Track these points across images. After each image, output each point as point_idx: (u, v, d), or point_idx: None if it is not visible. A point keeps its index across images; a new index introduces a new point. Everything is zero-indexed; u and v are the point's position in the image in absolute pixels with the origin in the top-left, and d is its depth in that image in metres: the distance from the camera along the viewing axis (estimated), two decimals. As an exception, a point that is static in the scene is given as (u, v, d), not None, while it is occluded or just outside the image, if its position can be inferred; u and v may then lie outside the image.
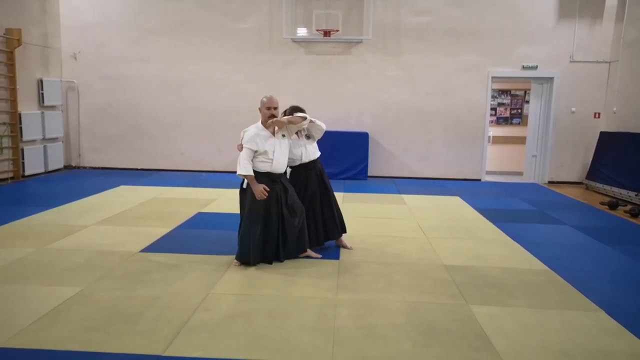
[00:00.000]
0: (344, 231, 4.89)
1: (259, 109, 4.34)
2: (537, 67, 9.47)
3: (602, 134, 9.21)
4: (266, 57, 9.65)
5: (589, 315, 3.40)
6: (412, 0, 9.42)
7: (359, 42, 9.48)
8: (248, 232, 4.27)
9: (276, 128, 4.31)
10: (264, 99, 4.30)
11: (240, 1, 9.56)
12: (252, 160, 4.23)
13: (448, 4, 9.39)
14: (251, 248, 4.25)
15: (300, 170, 4.65)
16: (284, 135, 4.37)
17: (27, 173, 8.69)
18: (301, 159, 4.58)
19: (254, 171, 4.22)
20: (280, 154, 4.31)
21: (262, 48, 9.64)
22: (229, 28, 9.63)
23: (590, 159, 9.34)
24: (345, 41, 9.48)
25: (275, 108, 4.28)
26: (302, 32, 9.53)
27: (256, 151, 4.21)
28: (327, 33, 9.22)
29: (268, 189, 4.21)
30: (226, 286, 3.82)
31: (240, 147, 4.25)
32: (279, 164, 4.32)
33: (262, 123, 4.31)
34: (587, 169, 9.36)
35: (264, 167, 4.27)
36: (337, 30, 9.21)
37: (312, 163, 4.66)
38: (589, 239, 5.50)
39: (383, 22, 9.43)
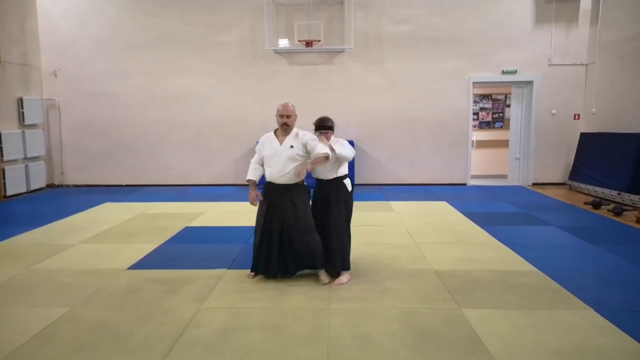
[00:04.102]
0: (335, 267, 4.22)
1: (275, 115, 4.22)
2: (516, 71, 9.63)
3: (583, 134, 9.38)
4: (250, 69, 9.67)
5: (579, 314, 3.45)
6: (393, 9, 9.54)
7: (341, 51, 9.56)
8: (254, 241, 4.30)
9: (285, 137, 4.16)
10: (279, 107, 4.17)
11: (223, 15, 9.58)
12: (262, 166, 4.27)
13: (428, 12, 9.53)
14: (254, 257, 4.26)
15: (319, 188, 4.33)
16: (292, 146, 4.08)
17: (8, 193, 8.53)
18: (319, 176, 4.29)
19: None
20: (277, 164, 4.09)
21: (246, 60, 9.66)
22: (212, 41, 9.63)
23: (572, 159, 9.50)
24: (328, 51, 9.55)
25: (288, 116, 4.13)
26: (284, 43, 9.58)
27: (263, 156, 4.21)
28: (309, 43, 9.27)
29: (261, 198, 4.20)
30: (218, 300, 3.79)
31: None
32: (274, 173, 4.11)
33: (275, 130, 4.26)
34: (570, 170, 9.52)
35: (266, 175, 4.23)
36: (319, 41, 9.27)
37: (328, 182, 4.26)
38: (575, 239, 5.58)
39: (364, 31, 9.53)
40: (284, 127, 4.14)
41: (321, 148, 4.04)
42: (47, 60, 9.73)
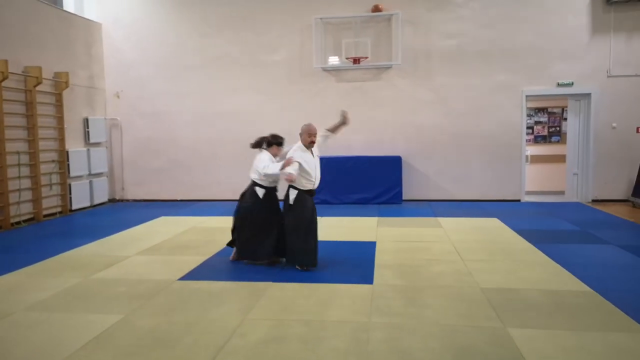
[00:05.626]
0: None
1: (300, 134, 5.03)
2: (572, 83, 9.30)
3: (647, 148, 8.89)
4: (298, 87, 9.88)
5: (634, 337, 3.27)
6: (442, 24, 9.49)
7: (389, 67, 9.59)
8: (301, 238, 4.95)
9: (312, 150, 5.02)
10: (309, 128, 4.98)
11: (272, 35, 9.89)
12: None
13: (478, 25, 9.41)
14: (300, 252, 4.97)
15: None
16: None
17: (74, 207, 9.11)
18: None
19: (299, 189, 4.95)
20: (318, 174, 5.06)
21: (294, 78, 9.89)
22: (261, 61, 9.94)
23: (636, 175, 8.99)
24: (375, 67, 9.61)
25: (316, 135, 4.97)
26: (332, 61, 9.74)
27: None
28: (356, 60, 9.39)
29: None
30: (261, 312, 3.88)
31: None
32: (317, 182, 5.05)
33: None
34: (633, 186, 9.01)
35: (306, 185, 4.97)
36: (367, 57, 9.37)
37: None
38: (636, 259, 5.28)
39: (412, 46, 9.53)
40: (312, 144, 4.98)
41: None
42: (110, 82, 10.38)
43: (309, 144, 4.94)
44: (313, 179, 4.94)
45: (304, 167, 4.86)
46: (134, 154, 10.48)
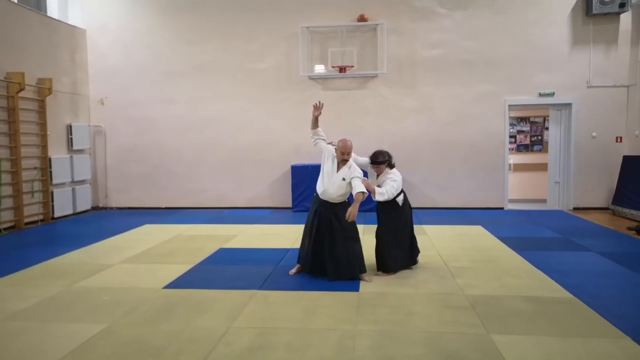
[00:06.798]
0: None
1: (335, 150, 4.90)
2: (554, 93, 9.48)
3: (626, 157, 9.09)
4: (285, 95, 9.91)
5: (615, 343, 3.33)
6: (426, 34, 9.62)
7: (374, 76, 9.68)
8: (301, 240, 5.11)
9: (342, 167, 4.84)
10: (339, 144, 4.83)
11: (259, 43, 9.92)
12: (316, 138, 5.19)
13: (462, 36, 9.56)
14: (299, 253, 5.11)
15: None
16: (344, 179, 4.76)
17: (56, 215, 8.98)
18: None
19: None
20: (330, 186, 4.80)
21: (281, 86, 9.92)
22: (248, 68, 9.96)
23: (616, 183, 9.18)
24: (361, 76, 9.69)
25: (349, 154, 4.80)
26: (318, 69, 9.80)
27: (316, 143, 5.14)
28: (342, 69, 9.47)
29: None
30: (247, 320, 3.87)
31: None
32: (325, 193, 4.83)
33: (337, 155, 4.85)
34: (613, 194, 9.20)
35: (318, 187, 4.93)
36: (353, 66, 9.45)
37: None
38: (616, 266, 5.38)
39: (397, 56, 9.64)
40: (344, 162, 4.82)
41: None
42: (95, 88, 10.29)
43: (341, 161, 4.84)
44: (321, 185, 4.88)
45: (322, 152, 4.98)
46: (117, 161, 10.38)
